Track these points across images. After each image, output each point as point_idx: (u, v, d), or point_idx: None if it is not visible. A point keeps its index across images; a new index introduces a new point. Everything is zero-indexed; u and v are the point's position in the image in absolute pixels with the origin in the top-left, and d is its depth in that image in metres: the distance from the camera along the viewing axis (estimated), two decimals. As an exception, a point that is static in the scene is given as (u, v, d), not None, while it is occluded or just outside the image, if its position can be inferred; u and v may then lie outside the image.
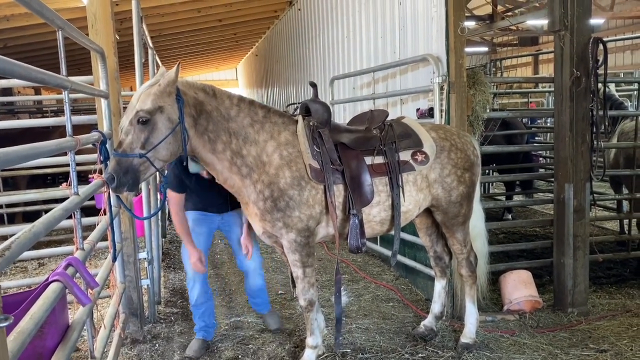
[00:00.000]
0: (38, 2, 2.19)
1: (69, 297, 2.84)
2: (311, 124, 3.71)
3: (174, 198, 4.07)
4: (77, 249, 2.79)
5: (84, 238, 2.87)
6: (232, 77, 28.81)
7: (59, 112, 14.38)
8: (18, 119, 11.97)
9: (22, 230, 1.86)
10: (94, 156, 3.60)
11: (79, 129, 2.93)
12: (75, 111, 14.62)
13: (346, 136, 3.77)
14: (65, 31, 2.68)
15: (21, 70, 1.93)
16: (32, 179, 8.34)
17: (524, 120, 9.81)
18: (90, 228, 3.61)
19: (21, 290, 4.03)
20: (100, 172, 3.47)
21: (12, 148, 1.78)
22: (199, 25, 12.10)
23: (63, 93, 2.69)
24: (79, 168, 7.27)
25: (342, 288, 3.81)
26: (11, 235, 2.13)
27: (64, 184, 2.85)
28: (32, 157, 1.97)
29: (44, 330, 2.30)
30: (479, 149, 4.25)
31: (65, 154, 3.12)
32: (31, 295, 2.27)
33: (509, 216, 8.29)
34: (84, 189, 2.94)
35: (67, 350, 2.30)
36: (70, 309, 3.03)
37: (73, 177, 2.73)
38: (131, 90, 17.73)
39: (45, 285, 2.23)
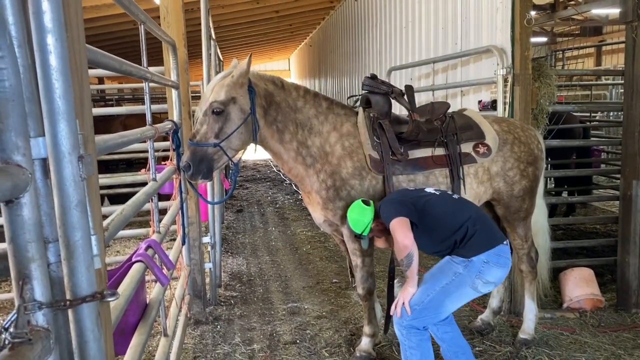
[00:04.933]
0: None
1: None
2: (371, 115, 3.76)
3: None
4: (153, 231, 2.95)
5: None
6: (284, 67, 29.05)
7: (120, 101, 15.00)
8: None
9: (114, 213, 2.00)
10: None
11: (139, 118, 3.04)
12: (135, 100, 15.18)
13: (406, 128, 3.79)
14: (146, 25, 2.82)
15: (115, 63, 2.07)
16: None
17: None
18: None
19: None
20: (172, 159, 3.64)
21: (108, 136, 1.92)
22: (256, 17, 12.26)
23: (144, 84, 2.84)
24: (142, 155, 7.62)
25: (396, 280, 3.84)
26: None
27: (143, 170, 3.00)
28: (124, 145, 2.12)
29: (127, 307, 2.46)
30: (543, 143, 4.18)
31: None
32: (117, 273, 2.43)
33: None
34: (159, 175, 3.09)
35: (148, 327, 2.45)
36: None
37: (152, 163, 2.88)
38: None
39: (130, 264, 2.39)
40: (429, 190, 3.34)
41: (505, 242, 3.15)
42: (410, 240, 3.06)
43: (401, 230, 3.07)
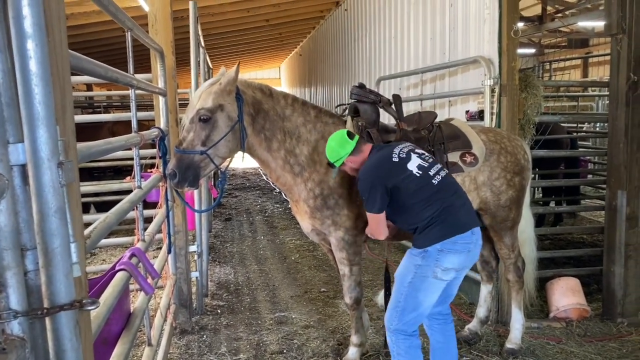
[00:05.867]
0: (114, 6, 2.32)
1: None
2: (360, 124, 3.76)
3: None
4: (138, 239, 2.92)
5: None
6: (275, 75, 29.10)
7: (108, 108, 14.88)
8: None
9: (97, 221, 1.98)
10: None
11: (127, 125, 3.03)
12: (123, 107, 15.10)
13: (394, 137, 3.80)
14: (133, 32, 2.81)
15: (100, 70, 2.05)
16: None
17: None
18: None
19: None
20: (158, 167, 3.62)
21: (91, 143, 1.90)
22: (246, 25, 12.29)
23: (130, 90, 2.82)
24: (130, 162, 7.56)
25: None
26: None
27: (128, 178, 2.97)
28: (108, 152, 2.10)
29: (110, 316, 2.42)
30: (530, 153, 4.21)
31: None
32: (100, 282, 2.40)
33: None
34: (144, 183, 3.07)
35: (131, 336, 2.42)
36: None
37: (137, 171, 2.86)
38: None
39: (113, 273, 2.36)
40: (411, 166, 3.15)
41: (470, 230, 3.08)
42: (384, 234, 3.28)
43: (377, 226, 3.24)
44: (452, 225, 3.05)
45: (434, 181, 3.14)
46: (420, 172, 3.14)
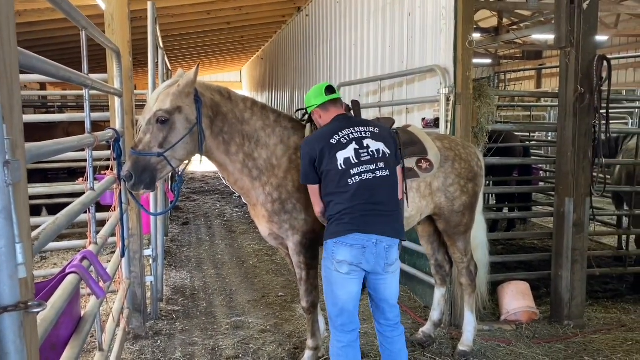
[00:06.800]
0: (68, 4, 2.28)
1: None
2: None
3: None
4: (90, 242, 2.86)
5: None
6: (236, 79, 28.90)
7: (63, 108, 14.45)
8: (23, 113, 11.95)
9: (46, 222, 1.93)
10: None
11: (79, 125, 2.99)
12: (79, 108, 14.69)
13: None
14: (88, 31, 2.76)
15: (51, 69, 2.01)
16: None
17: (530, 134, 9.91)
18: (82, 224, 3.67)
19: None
20: (112, 169, 3.54)
21: (42, 143, 1.86)
22: (207, 27, 12.18)
23: (84, 90, 2.77)
24: (84, 164, 7.38)
25: None
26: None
27: (80, 179, 2.91)
28: (59, 152, 2.06)
29: (59, 320, 2.36)
30: (483, 161, 4.34)
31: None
32: (49, 285, 2.34)
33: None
34: (98, 185, 3.01)
35: (81, 341, 2.36)
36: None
37: (90, 172, 2.80)
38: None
39: (63, 276, 2.30)
40: (340, 156, 3.11)
41: (371, 234, 3.04)
42: (316, 209, 3.34)
43: (311, 197, 3.33)
44: (346, 224, 3.07)
45: (350, 181, 3.09)
46: (344, 167, 3.11)
